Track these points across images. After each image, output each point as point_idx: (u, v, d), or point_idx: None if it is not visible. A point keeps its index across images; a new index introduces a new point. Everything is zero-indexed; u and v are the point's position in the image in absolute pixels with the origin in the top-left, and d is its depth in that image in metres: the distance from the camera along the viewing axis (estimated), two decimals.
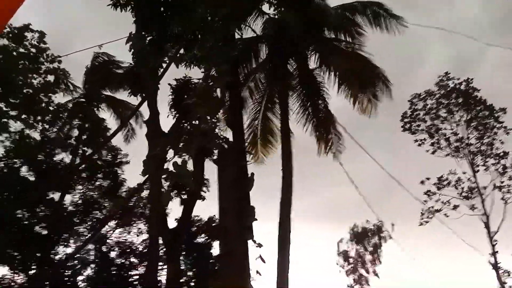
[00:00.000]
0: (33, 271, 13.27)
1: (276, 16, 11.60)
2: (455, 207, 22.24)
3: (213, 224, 14.49)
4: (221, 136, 7.55)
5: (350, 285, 25.89)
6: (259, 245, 6.57)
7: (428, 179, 23.07)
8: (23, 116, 12.83)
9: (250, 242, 6.69)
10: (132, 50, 10.80)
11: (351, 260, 26.27)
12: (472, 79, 23.05)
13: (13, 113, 12.62)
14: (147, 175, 8.69)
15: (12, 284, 13.38)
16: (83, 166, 15.50)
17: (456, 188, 22.56)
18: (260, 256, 6.40)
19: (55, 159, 14.64)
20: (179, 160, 6.19)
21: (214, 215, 14.53)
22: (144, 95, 11.76)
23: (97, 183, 15.28)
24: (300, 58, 12.35)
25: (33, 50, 12.63)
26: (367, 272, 25.96)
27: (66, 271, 13.44)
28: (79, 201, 14.80)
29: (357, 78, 11.83)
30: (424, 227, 22.57)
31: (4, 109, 12.40)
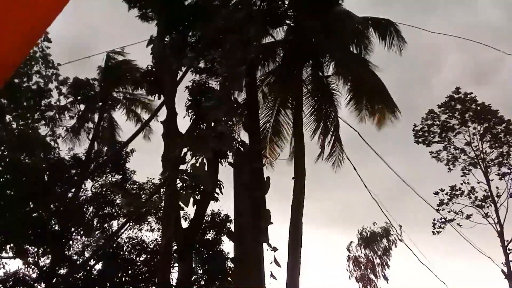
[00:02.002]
0: (47, 265, 13.54)
1: (292, 23, 11.74)
2: (468, 216, 22.16)
3: (219, 218, 14.60)
4: (238, 139, 7.63)
5: None
6: (274, 249, 6.60)
7: (442, 190, 23.12)
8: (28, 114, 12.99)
9: (265, 245, 6.76)
10: (152, 52, 10.97)
11: (360, 265, 26.24)
12: (475, 96, 23.19)
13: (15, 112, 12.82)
14: (164, 176, 8.81)
15: (26, 278, 13.65)
16: (97, 163, 15.74)
17: (470, 198, 22.51)
18: (275, 260, 6.43)
19: (67, 155, 14.87)
20: (196, 162, 6.27)
21: (219, 209, 14.69)
22: (161, 95, 11.90)
23: (110, 179, 15.48)
24: (315, 64, 12.48)
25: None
26: (376, 276, 25.82)
27: (80, 266, 13.63)
28: (91, 197, 15.01)
29: (369, 91, 12.06)
30: (438, 234, 22.56)
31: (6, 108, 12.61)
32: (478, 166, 22.58)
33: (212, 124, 7.55)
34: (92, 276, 13.44)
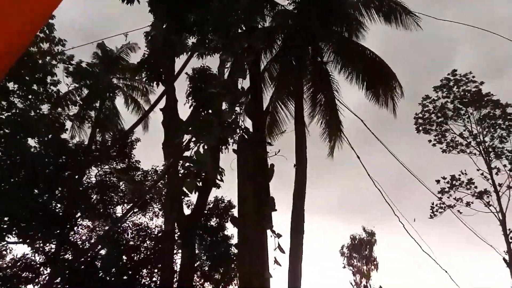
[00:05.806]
0: (52, 250, 13.71)
1: (292, 8, 11.66)
2: (468, 204, 22.33)
3: (222, 205, 14.77)
4: (242, 127, 7.64)
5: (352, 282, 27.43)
6: (278, 235, 6.66)
7: (444, 178, 23.17)
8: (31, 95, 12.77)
9: (268, 231, 6.82)
10: (150, 38, 10.88)
11: (354, 264, 27.89)
12: (473, 76, 22.63)
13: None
14: (168, 163, 8.84)
15: (32, 262, 13.85)
16: (102, 150, 15.78)
17: (468, 189, 22.70)
18: (279, 246, 6.49)
19: (72, 140, 14.89)
20: (200, 149, 6.29)
21: (222, 196, 14.86)
22: (161, 83, 11.86)
23: (113, 165, 15.53)
24: (314, 50, 12.41)
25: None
26: (368, 272, 27.46)
27: (85, 251, 13.81)
28: (96, 183, 15.09)
29: (370, 77, 11.98)
30: (440, 223, 22.95)
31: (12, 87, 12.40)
32: (478, 151, 22.70)
33: (216, 111, 7.55)
34: (96, 262, 13.61)
